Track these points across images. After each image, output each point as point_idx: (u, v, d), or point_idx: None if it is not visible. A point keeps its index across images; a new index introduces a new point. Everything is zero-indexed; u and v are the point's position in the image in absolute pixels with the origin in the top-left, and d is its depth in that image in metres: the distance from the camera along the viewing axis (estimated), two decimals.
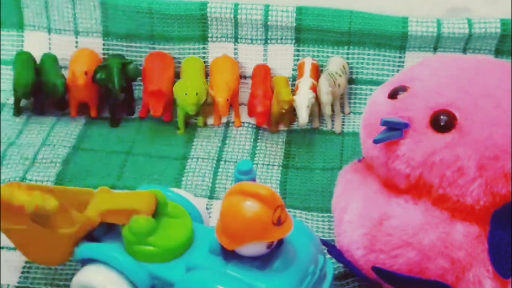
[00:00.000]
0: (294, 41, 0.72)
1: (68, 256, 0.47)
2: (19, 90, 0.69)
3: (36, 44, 0.74)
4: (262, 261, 0.41)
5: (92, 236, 0.47)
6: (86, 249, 0.46)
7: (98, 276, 0.45)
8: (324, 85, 0.66)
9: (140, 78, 0.71)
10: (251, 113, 0.69)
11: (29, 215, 0.43)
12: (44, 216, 0.43)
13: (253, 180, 0.46)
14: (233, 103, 0.70)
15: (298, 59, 0.72)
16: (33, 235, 0.46)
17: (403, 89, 0.48)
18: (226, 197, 0.40)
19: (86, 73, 0.68)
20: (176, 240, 0.45)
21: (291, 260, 0.42)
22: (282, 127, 0.70)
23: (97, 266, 0.45)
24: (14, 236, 0.47)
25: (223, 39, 0.72)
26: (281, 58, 0.73)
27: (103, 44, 0.73)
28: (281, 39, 0.72)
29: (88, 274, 0.45)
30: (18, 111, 0.71)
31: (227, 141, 0.68)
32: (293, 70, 0.73)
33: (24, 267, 0.53)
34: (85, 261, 0.46)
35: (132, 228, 0.44)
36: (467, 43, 0.70)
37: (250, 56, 0.73)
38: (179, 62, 0.73)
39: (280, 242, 0.42)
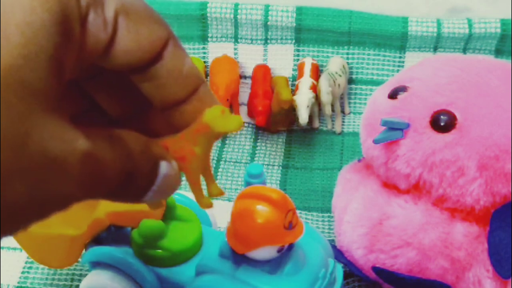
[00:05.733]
0: (294, 41, 0.72)
1: (76, 258, 0.46)
2: None
3: None
4: (273, 266, 0.41)
5: (100, 239, 0.46)
6: (95, 252, 0.45)
7: (107, 279, 0.44)
8: (324, 85, 0.66)
9: None
10: (251, 113, 0.69)
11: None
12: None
13: (263, 183, 0.45)
14: (233, 103, 0.70)
15: (298, 59, 0.72)
16: (40, 237, 0.45)
17: (403, 89, 0.48)
18: (237, 201, 0.40)
19: None
20: (186, 243, 0.44)
21: (302, 265, 0.41)
22: (282, 127, 0.70)
23: (106, 269, 0.45)
24: (21, 238, 0.46)
25: (223, 39, 0.72)
26: (281, 58, 0.73)
27: None
28: (281, 39, 0.72)
29: (97, 277, 0.45)
30: None
31: (227, 141, 0.68)
32: (293, 70, 0.73)
33: (24, 267, 0.53)
34: (94, 264, 0.46)
35: (141, 231, 0.44)
36: (467, 43, 0.70)
37: (250, 56, 0.73)
38: None
39: (290, 246, 0.41)
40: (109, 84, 0.30)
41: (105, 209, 0.45)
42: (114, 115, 0.31)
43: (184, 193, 0.50)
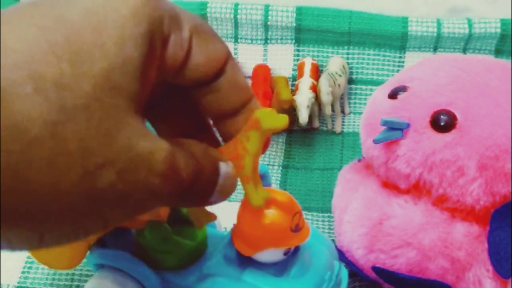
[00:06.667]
0: (294, 41, 0.72)
1: (80, 260, 0.46)
2: None
3: None
4: (279, 268, 0.41)
5: (104, 241, 0.46)
6: (99, 254, 0.45)
7: (111, 282, 0.44)
8: (324, 85, 0.66)
9: None
10: None
11: None
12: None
13: (269, 185, 0.45)
14: None
15: (298, 59, 0.72)
16: None
17: (403, 89, 0.48)
18: (243, 203, 0.40)
19: None
20: (191, 246, 0.44)
21: (308, 267, 0.41)
22: None
23: (110, 272, 0.45)
24: None
25: (223, 39, 0.72)
26: (281, 58, 0.73)
27: None
28: (281, 39, 0.72)
29: (101, 280, 0.45)
30: None
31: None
32: (293, 70, 0.73)
33: (24, 267, 0.53)
34: (98, 267, 0.46)
35: (146, 233, 0.43)
36: (467, 43, 0.70)
37: (250, 56, 0.73)
38: None
39: (296, 248, 0.41)
40: (166, 111, 0.33)
41: None
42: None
43: None
